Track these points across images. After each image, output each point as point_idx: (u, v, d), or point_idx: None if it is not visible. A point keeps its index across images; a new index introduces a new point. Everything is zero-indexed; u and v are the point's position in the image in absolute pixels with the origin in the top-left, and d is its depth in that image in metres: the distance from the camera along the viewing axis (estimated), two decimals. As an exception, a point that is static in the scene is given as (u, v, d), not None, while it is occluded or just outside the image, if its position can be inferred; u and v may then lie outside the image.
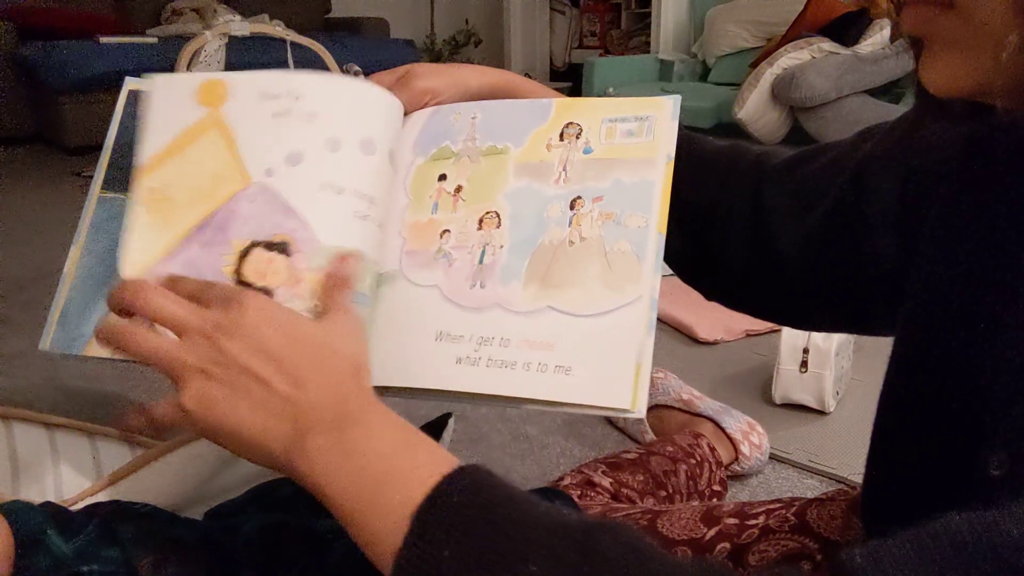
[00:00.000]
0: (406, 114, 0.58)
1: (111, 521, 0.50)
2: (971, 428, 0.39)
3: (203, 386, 0.39)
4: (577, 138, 0.53)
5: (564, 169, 0.52)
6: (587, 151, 0.52)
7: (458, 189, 0.54)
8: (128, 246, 0.53)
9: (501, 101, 0.58)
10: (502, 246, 0.51)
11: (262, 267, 0.51)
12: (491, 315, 0.49)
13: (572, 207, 0.51)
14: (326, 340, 0.42)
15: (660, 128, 0.51)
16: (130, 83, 0.59)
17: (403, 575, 0.34)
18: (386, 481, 0.37)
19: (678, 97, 0.53)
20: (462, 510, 0.35)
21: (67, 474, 0.62)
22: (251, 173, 0.53)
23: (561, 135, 0.54)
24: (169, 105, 0.56)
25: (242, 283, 0.50)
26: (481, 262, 0.52)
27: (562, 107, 0.55)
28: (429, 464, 0.38)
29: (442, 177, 0.55)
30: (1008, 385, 0.37)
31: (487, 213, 0.53)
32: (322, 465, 0.38)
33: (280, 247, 0.51)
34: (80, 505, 0.55)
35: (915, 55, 0.39)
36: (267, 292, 0.50)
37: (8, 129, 3.82)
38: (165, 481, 0.58)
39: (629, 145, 0.51)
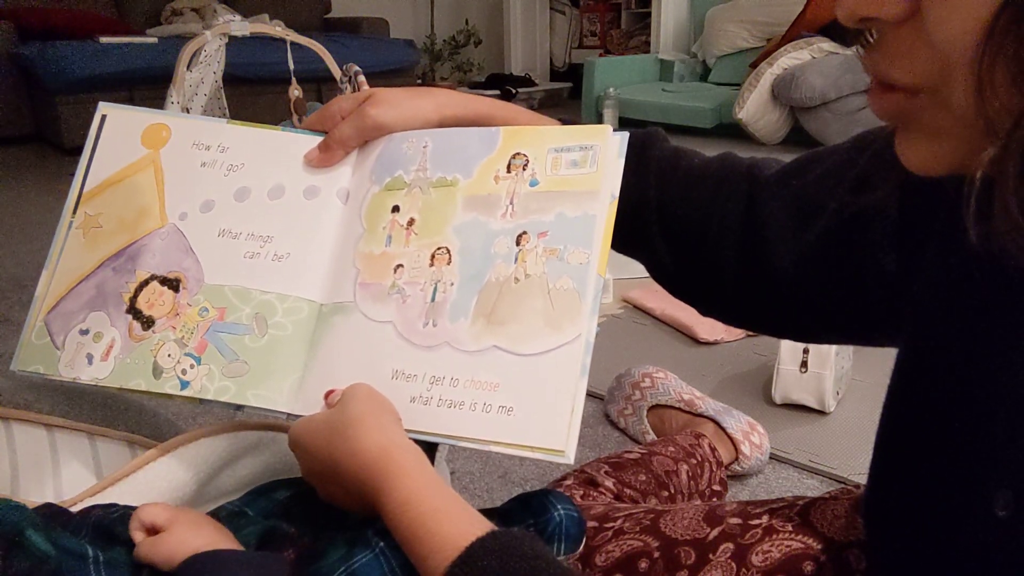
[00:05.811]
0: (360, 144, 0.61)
1: (109, 524, 0.50)
2: (974, 453, 0.38)
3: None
4: (524, 169, 0.54)
5: (511, 202, 0.54)
6: (533, 183, 0.54)
7: (411, 222, 0.57)
8: (59, 264, 0.60)
9: (452, 129, 0.59)
10: (452, 283, 0.53)
11: (153, 298, 0.59)
12: (441, 354, 0.52)
13: (518, 243, 0.52)
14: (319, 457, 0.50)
15: (604, 160, 0.52)
16: (102, 108, 0.65)
17: None
18: (425, 545, 0.43)
19: (626, 134, 0.54)
20: (483, 568, 0.41)
21: (67, 474, 0.62)
22: (169, 214, 0.60)
23: (508, 167, 0.55)
24: (117, 141, 0.63)
25: (134, 309, 0.58)
26: (433, 300, 0.54)
27: (509, 135, 0.56)
28: (462, 533, 0.43)
29: (395, 209, 0.58)
30: (1013, 417, 0.36)
31: (438, 249, 0.55)
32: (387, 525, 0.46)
33: (172, 283, 0.59)
34: (80, 506, 0.55)
35: (892, 131, 0.37)
36: (151, 320, 0.58)
37: (7, 129, 3.83)
38: (165, 482, 0.58)
39: (572, 176, 0.53)
